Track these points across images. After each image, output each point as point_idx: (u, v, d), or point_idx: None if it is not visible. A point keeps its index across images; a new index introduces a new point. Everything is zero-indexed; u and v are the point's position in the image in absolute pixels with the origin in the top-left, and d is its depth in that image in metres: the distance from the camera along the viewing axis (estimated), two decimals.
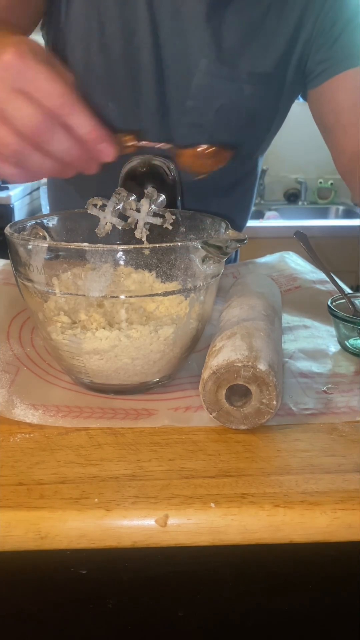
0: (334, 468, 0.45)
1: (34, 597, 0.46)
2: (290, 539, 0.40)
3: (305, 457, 0.46)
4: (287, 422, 0.51)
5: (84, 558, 0.43)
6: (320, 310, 0.73)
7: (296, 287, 0.85)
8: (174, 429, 0.49)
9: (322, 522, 0.40)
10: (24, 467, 0.44)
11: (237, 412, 0.48)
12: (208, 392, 0.48)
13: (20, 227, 0.56)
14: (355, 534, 0.40)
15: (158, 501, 0.41)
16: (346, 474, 0.44)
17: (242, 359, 0.47)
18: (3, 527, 0.39)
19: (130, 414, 0.51)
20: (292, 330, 0.70)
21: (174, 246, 0.50)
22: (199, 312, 0.54)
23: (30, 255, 0.50)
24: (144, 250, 0.48)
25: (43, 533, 0.39)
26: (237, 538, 0.40)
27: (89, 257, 0.48)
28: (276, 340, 0.53)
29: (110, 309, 0.53)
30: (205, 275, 0.52)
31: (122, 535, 0.40)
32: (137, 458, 0.45)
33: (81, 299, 0.51)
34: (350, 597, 0.46)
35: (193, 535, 0.40)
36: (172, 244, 0.49)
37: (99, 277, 0.49)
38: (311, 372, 0.60)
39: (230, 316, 0.56)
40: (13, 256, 0.52)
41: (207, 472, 0.44)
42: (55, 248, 0.51)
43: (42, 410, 0.51)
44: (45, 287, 0.51)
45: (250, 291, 0.62)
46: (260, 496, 0.41)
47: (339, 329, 0.66)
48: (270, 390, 0.47)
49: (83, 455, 0.46)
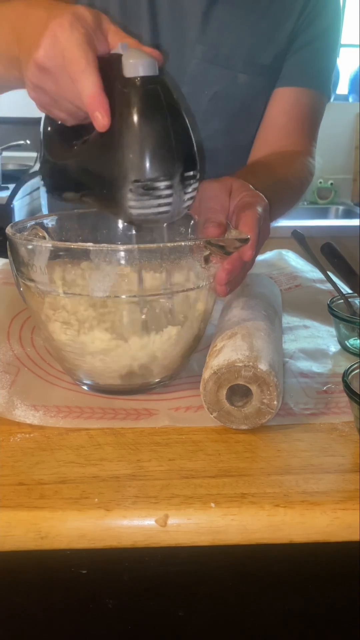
0: (334, 468, 0.45)
1: (34, 597, 0.46)
2: (290, 539, 0.40)
3: (305, 457, 0.46)
4: (288, 422, 0.50)
5: (84, 558, 0.43)
6: (320, 309, 0.73)
7: (296, 285, 0.85)
8: (174, 429, 0.49)
9: (322, 522, 0.40)
10: (24, 467, 0.44)
11: (237, 412, 0.48)
12: (209, 392, 0.48)
13: (20, 228, 0.56)
14: (355, 534, 0.40)
15: (158, 501, 0.41)
16: (346, 474, 0.44)
17: (243, 359, 0.47)
18: (3, 527, 0.39)
19: (131, 414, 0.51)
20: (292, 330, 0.70)
21: (177, 246, 0.49)
22: (201, 311, 0.54)
23: (33, 255, 0.50)
24: (147, 250, 0.48)
25: (43, 533, 0.39)
26: (237, 538, 0.40)
27: (92, 257, 0.48)
28: (277, 340, 0.53)
29: (113, 309, 0.53)
30: (208, 274, 0.52)
31: (122, 535, 0.40)
32: (137, 458, 0.45)
33: (84, 299, 0.51)
34: (350, 597, 0.46)
35: (193, 535, 0.40)
36: (176, 244, 0.49)
37: (102, 277, 0.49)
38: (311, 372, 0.60)
39: (231, 316, 0.56)
40: (14, 256, 0.52)
41: (207, 472, 0.44)
42: (59, 248, 0.50)
43: (43, 411, 0.51)
44: (48, 287, 0.51)
45: (250, 291, 0.62)
46: (260, 496, 0.41)
47: (339, 329, 0.66)
48: (271, 390, 0.47)
49: (83, 455, 0.46)
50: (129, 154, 0.47)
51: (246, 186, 0.57)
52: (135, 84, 0.47)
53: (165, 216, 0.50)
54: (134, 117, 0.47)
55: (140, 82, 0.47)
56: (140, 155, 0.47)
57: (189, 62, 0.83)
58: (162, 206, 0.49)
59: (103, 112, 0.48)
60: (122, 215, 0.51)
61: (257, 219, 0.53)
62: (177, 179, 0.48)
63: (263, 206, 0.55)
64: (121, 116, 0.47)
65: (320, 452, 0.46)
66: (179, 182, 0.49)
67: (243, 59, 0.84)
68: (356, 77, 2.68)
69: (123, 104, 0.47)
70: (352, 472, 0.44)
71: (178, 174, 0.48)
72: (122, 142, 0.48)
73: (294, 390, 0.56)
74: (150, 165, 0.47)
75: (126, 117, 0.47)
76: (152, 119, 0.47)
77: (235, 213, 0.54)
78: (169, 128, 0.48)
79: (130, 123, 0.47)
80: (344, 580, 0.46)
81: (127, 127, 0.47)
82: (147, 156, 0.47)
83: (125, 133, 0.47)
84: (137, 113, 0.47)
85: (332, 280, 0.77)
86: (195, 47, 0.82)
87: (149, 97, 0.47)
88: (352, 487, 0.42)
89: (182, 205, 0.50)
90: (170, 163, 0.48)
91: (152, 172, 0.47)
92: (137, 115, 0.47)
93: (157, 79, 0.48)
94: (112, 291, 0.50)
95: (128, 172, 0.47)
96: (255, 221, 0.53)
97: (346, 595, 0.46)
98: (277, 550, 0.42)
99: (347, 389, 0.46)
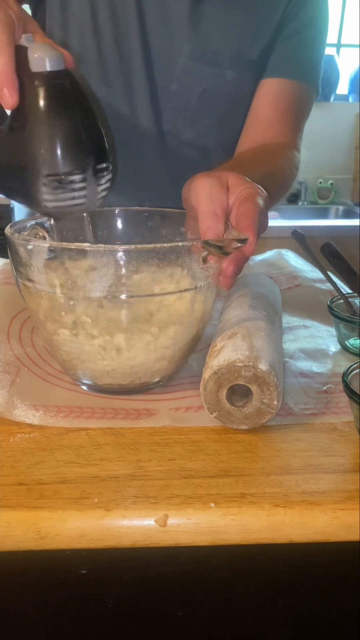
0: (334, 468, 0.45)
1: (34, 597, 0.46)
2: (290, 539, 0.40)
3: (305, 457, 0.46)
4: (288, 422, 0.50)
5: (84, 558, 0.43)
6: (320, 309, 0.73)
7: (296, 285, 0.85)
8: (173, 429, 0.49)
9: (322, 522, 0.40)
10: (24, 467, 0.44)
11: (238, 412, 0.48)
12: (209, 392, 0.48)
13: (20, 228, 0.56)
14: (355, 534, 0.40)
15: (158, 501, 0.41)
16: (346, 474, 0.44)
17: (243, 359, 0.47)
18: (3, 527, 0.39)
19: (131, 414, 0.51)
20: (292, 330, 0.70)
21: (175, 246, 0.50)
22: (200, 312, 0.54)
23: (31, 255, 0.50)
24: (145, 250, 0.48)
25: (43, 533, 0.39)
26: (237, 538, 0.40)
27: (90, 257, 0.48)
28: (277, 340, 0.53)
29: (111, 309, 0.53)
30: (207, 275, 0.52)
31: (122, 535, 0.40)
32: (137, 458, 0.45)
33: (82, 299, 0.51)
34: (349, 597, 0.46)
35: (193, 535, 0.40)
36: (174, 244, 0.49)
37: (99, 277, 0.49)
38: (311, 372, 0.60)
39: (231, 316, 0.56)
40: (14, 256, 0.52)
41: (207, 472, 0.44)
42: (56, 248, 0.51)
43: (43, 411, 0.51)
44: (46, 287, 0.51)
45: (250, 291, 0.62)
46: (260, 496, 0.41)
47: (339, 329, 0.66)
48: (271, 390, 0.47)
49: (83, 455, 0.46)
50: (41, 148, 0.48)
51: (243, 179, 0.56)
52: (44, 78, 0.48)
53: (81, 208, 0.52)
54: (45, 112, 0.48)
55: (49, 77, 0.48)
56: (52, 149, 0.48)
57: (177, 61, 0.84)
58: (77, 198, 0.51)
59: (12, 90, 0.47)
60: (37, 208, 0.52)
61: (259, 211, 0.53)
62: (89, 172, 0.50)
63: (264, 198, 0.55)
64: (30, 110, 0.48)
65: (320, 452, 0.46)
66: (92, 174, 0.50)
67: (230, 55, 0.84)
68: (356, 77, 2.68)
69: (32, 98, 0.48)
70: (352, 472, 0.44)
71: (90, 167, 0.50)
72: (32, 137, 0.48)
73: (294, 390, 0.56)
74: (63, 160, 0.48)
75: (36, 112, 0.48)
76: (63, 114, 0.48)
77: (235, 206, 0.54)
78: (79, 122, 0.49)
79: (40, 118, 0.48)
80: (344, 580, 0.46)
81: (37, 121, 0.48)
82: (59, 150, 0.48)
83: (35, 127, 0.48)
84: (48, 108, 0.48)
85: (332, 280, 0.77)
86: (183, 45, 0.83)
87: (59, 92, 0.48)
88: (352, 487, 0.42)
89: (97, 196, 0.52)
90: (82, 156, 0.49)
91: (65, 166, 0.48)
92: (48, 110, 0.48)
93: (65, 74, 0.49)
94: (110, 291, 0.50)
95: (41, 167, 0.48)
96: (256, 214, 0.52)
97: (346, 595, 0.46)
98: (277, 550, 0.42)
99: (347, 388, 0.46)
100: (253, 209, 0.53)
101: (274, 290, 0.67)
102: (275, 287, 0.69)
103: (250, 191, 0.55)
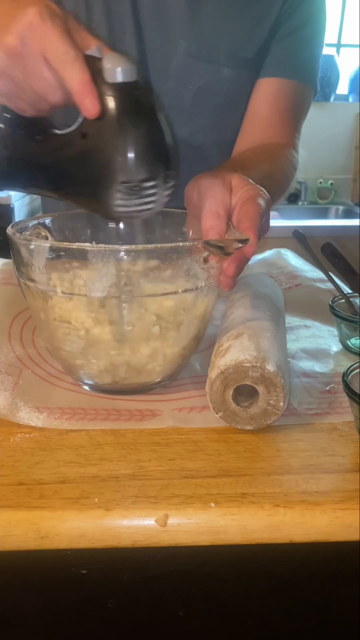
0: (334, 468, 0.44)
1: (34, 596, 0.46)
2: (290, 538, 0.40)
3: (305, 457, 0.46)
4: (291, 422, 0.50)
5: (84, 558, 0.43)
6: (321, 309, 0.73)
7: (297, 285, 0.85)
8: (173, 429, 0.49)
9: (322, 522, 0.40)
10: (24, 467, 0.44)
11: (243, 412, 0.48)
12: (215, 392, 0.48)
13: (22, 227, 0.56)
14: (355, 533, 0.40)
15: (158, 501, 0.41)
16: (346, 474, 0.44)
17: (250, 360, 0.46)
18: (3, 527, 0.39)
19: (135, 415, 0.51)
20: (294, 329, 0.70)
21: (177, 246, 0.50)
22: (201, 312, 0.54)
23: (32, 255, 0.50)
24: (146, 250, 0.48)
25: (43, 533, 0.39)
26: (237, 538, 0.40)
27: (91, 257, 0.48)
28: (282, 340, 0.53)
29: (112, 309, 0.53)
30: (208, 275, 0.52)
31: (122, 535, 0.40)
32: (137, 458, 0.45)
33: (83, 299, 0.51)
34: (350, 596, 0.46)
35: (193, 535, 0.40)
36: (175, 244, 0.49)
37: (100, 277, 0.49)
38: (314, 372, 0.60)
39: (235, 316, 0.56)
40: (15, 256, 0.52)
41: (207, 471, 0.44)
42: (57, 248, 0.51)
43: (47, 413, 0.51)
44: (47, 287, 0.51)
45: (253, 291, 0.62)
46: (260, 496, 0.41)
47: (340, 329, 0.66)
48: (278, 391, 0.47)
49: (83, 455, 0.46)
50: (118, 156, 0.49)
51: (246, 180, 0.57)
52: (122, 89, 0.49)
53: (149, 212, 0.52)
54: (124, 122, 0.49)
55: (127, 88, 0.49)
56: (129, 158, 0.49)
57: (172, 58, 0.84)
58: (147, 204, 0.51)
59: (94, 99, 0.48)
60: (103, 211, 0.53)
61: (260, 213, 0.53)
62: (161, 178, 0.51)
63: (265, 200, 0.55)
64: (108, 119, 0.49)
65: (320, 452, 0.46)
66: (162, 180, 0.51)
67: (226, 53, 0.84)
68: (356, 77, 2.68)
69: (109, 108, 0.49)
70: (352, 472, 0.44)
71: (162, 173, 0.51)
72: (110, 145, 0.50)
73: (298, 390, 0.56)
74: (139, 167, 0.50)
75: (114, 121, 0.49)
76: (141, 124, 0.50)
77: (237, 207, 0.54)
78: (154, 131, 0.51)
79: (119, 127, 0.49)
80: (344, 580, 0.46)
81: (115, 130, 0.49)
82: (136, 159, 0.49)
83: (113, 136, 0.49)
84: (127, 117, 0.49)
85: (333, 280, 0.77)
86: (179, 42, 0.83)
87: (136, 102, 0.50)
88: (352, 487, 0.42)
89: (163, 200, 0.53)
90: (155, 164, 0.51)
91: (140, 173, 0.50)
92: (127, 120, 0.49)
93: (141, 86, 0.51)
94: (111, 291, 0.50)
95: (116, 174, 0.50)
96: (258, 215, 0.53)
97: (346, 595, 0.46)
98: (277, 550, 0.42)
99: (347, 388, 0.46)
100: (254, 210, 0.53)
101: (277, 291, 0.67)
102: (277, 287, 0.68)
103: (253, 192, 0.55)
